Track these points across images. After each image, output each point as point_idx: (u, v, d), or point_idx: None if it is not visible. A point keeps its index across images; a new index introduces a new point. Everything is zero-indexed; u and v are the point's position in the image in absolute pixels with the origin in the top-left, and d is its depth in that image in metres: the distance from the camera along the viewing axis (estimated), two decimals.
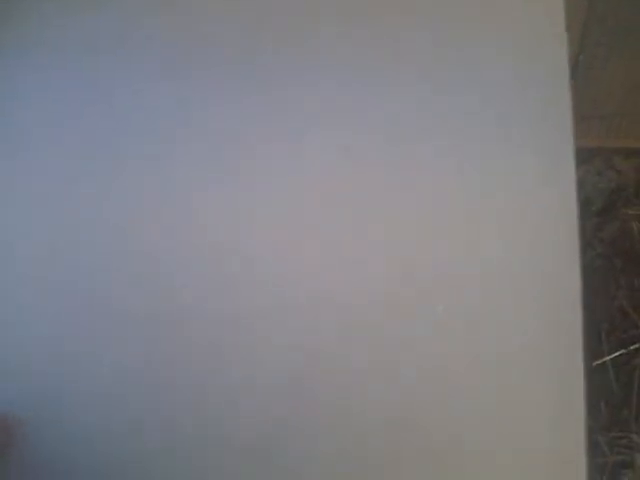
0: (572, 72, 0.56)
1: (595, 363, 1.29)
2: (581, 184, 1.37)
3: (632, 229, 1.36)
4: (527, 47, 0.61)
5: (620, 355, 1.29)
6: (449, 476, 0.56)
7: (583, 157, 1.36)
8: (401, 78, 0.62)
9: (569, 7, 0.62)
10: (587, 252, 1.35)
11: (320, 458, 0.57)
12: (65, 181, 0.64)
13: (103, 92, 0.65)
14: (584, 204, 1.38)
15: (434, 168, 0.60)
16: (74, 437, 0.59)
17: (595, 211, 1.38)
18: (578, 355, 0.58)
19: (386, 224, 0.60)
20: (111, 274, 0.61)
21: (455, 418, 0.57)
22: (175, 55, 0.64)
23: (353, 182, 0.60)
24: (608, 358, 1.29)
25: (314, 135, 0.61)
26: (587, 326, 1.26)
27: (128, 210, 0.62)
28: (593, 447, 1.23)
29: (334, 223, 0.60)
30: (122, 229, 0.62)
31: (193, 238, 0.61)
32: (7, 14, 0.67)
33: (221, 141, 0.62)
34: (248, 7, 0.64)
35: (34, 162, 0.64)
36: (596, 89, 1.13)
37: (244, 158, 0.62)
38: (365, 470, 0.57)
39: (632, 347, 1.29)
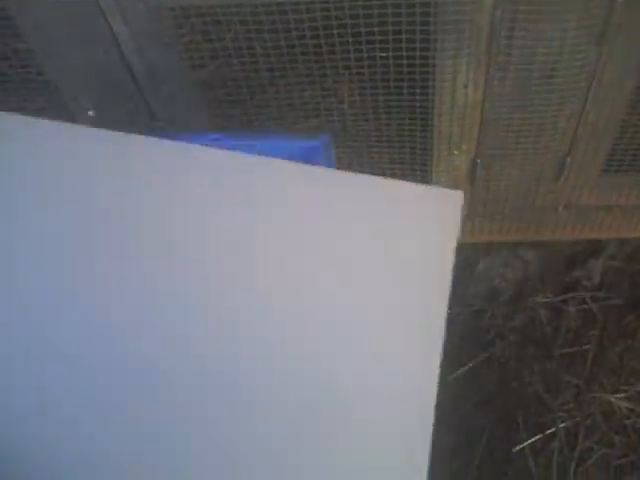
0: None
1: (514, 449, 1.32)
2: (485, 276, 1.43)
3: (540, 316, 1.41)
4: None
5: (538, 440, 1.32)
6: None
7: (485, 250, 1.42)
8: None
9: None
10: (498, 342, 1.40)
11: None
12: None
13: None
14: (491, 296, 1.44)
15: None
16: None
17: (504, 301, 1.43)
18: None
19: None
20: None
21: None
22: None
23: None
24: (526, 444, 1.32)
25: None
26: (504, 414, 1.29)
27: None
28: None
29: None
30: None
31: None
32: None
33: None
34: None
35: None
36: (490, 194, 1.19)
37: None
38: None
39: (549, 431, 1.33)
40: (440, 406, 1.33)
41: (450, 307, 1.39)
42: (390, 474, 0.62)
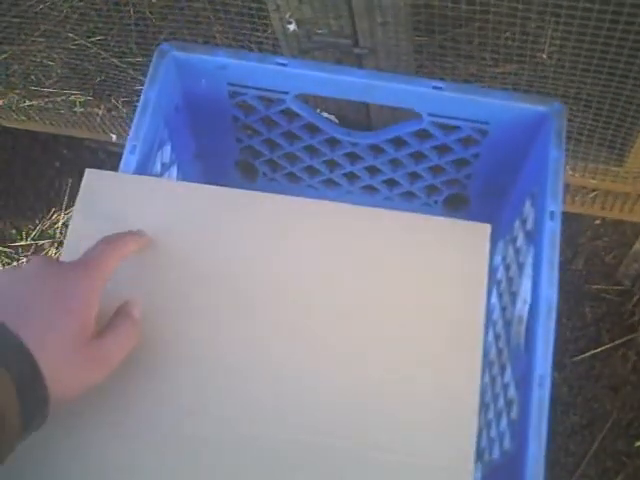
0: None
1: (637, 444, 1.27)
2: (639, 258, 1.35)
3: None
4: None
5: None
6: None
7: None
8: None
9: None
10: None
11: None
12: None
13: None
14: None
15: None
16: None
17: None
18: None
19: None
20: None
21: None
22: None
23: None
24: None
25: None
26: (634, 403, 1.24)
27: None
28: None
29: None
30: None
31: None
32: None
33: None
34: None
35: None
36: None
37: None
38: None
39: None
40: (567, 384, 1.29)
41: (597, 282, 1.34)
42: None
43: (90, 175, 0.71)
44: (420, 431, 0.63)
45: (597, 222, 1.37)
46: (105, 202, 0.70)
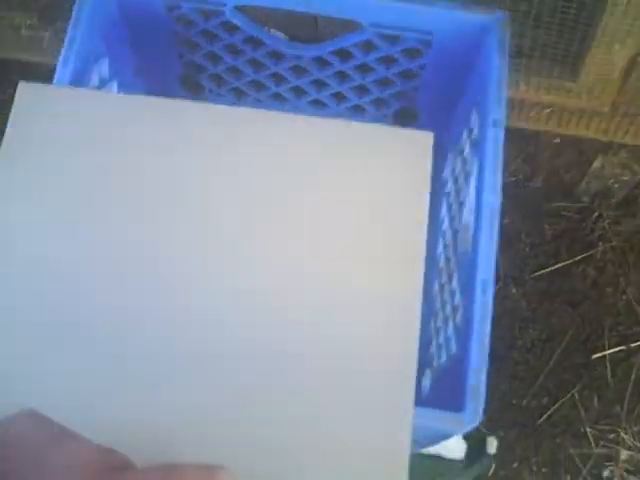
0: None
1: (594, 356, 1.29)
2: (598, 175, 1.36)
3: None
4: None
5: (620, 351, 1.29)
6: None
7: (603, 148, 1.35)
8: None
9: None
10: (600, 244, 1.34)
11: None
12: None
13: None
14: (602, 196, 1.37)
15: None
16: None
17: (615, 203, 1.37)
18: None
19: None
20: None
21: None
22: None
23: None
24: (608, 352, 1.28)
25: None
26: (591, 318, 1.26)
27: None
28: (581, 438, 1.24)
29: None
30: None
31: None
32: None
33: None
34: None
35: None
36: None
37: None
38: None
39: (634, 344, 1.29)
40: (526, 299, 1.31)
41: (556, 200, 1.35)
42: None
43: (23, 88, 0.70)
44: (363, 338, 0.63)
45: (556, 140, 1.37)
46: (39, 115, 0.69)
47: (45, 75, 1.38)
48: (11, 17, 1.15)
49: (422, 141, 0.70)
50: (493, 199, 0.71)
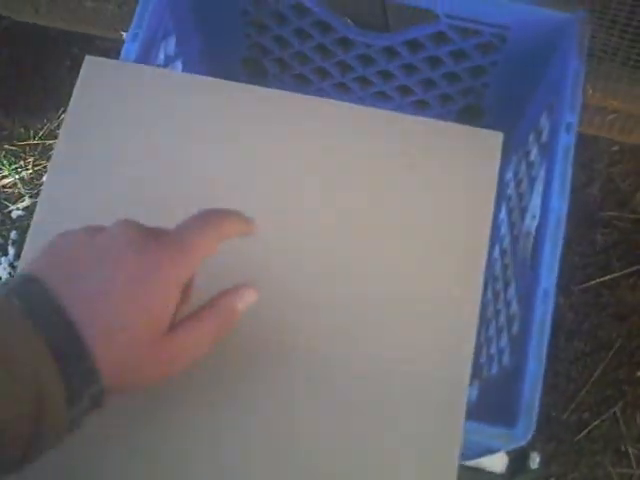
0: None
1: (639, 373, 1.25)
2: None
3: None
4: None
5: None
6: None
7: None
8: None
9: None
10: None
11: None
12: None
13: None
14: None
15: None
16: None
17: None
18: None
19: None
20: None
21: None
22: None
23: None
24: None
25: None
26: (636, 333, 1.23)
27: None
28: (621, 457, 1.21)
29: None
30: None
31: None
32: None
33: None
34: None
35: None
36: None
37: None
38: None
39: None
40: (573, 311, 1.28)
41: (611, 209, 1.31)
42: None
43: (89, 62, 0.68)
44: (418, 342, 0.61)
45: (615, 148, 1.34)
46: (104, 90, 0.68)
47: (107, 48, 1.39)
48: None
49: (491, 141, 0.68)
50: (560, 206, 0.69)
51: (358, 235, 0.64)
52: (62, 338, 0.41)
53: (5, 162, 1.40)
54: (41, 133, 1.42)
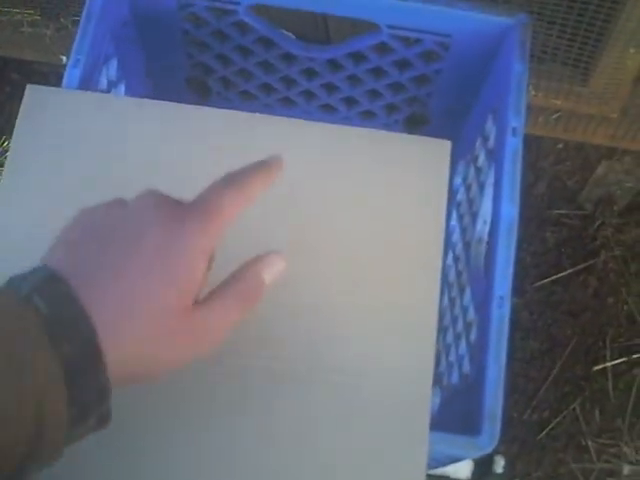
0: None
1: (596, 368, 1.27)
2: (601, 181, 1.34)
3: None
4: None
5: (622, 363, 1.27)
6: None
7: (607, 153, 1.33)
8: None
9: None
10: (602, 253, 1.33)
11: None
12: None
13: None
14: (605, 203, 1.35)
15: None
16: None
17: (618, 211, 1.35)
18: None
19: None
20: None
21: None
22: None
23: None
24: (609, 364, 1.27)
25: None
26: (592, 329, 1.24)
27: None
28: (582, 452, 1.22)
29: None
30: None
31: None
32: None
33: None
34: None
35: None
36: None
37: None
38: None
39: (635, 356, 1.27)
40: (527, 310, 1.29)
41: (559, 207, 1.33)
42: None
43: (31, 91, 0.67)
44: (377, 351, 0.61)
45: (559, 146, 1.36)
46: (48, 119, 0.66)
47: (46, 72, 1.36)
48: (12, 13, 1.12)
49: (439, 149, 0.68)
50: (512, 211, 0.69)
51: (311, 249, 0.63)
52: (79, 355, 0.38)
53: None
54: None
